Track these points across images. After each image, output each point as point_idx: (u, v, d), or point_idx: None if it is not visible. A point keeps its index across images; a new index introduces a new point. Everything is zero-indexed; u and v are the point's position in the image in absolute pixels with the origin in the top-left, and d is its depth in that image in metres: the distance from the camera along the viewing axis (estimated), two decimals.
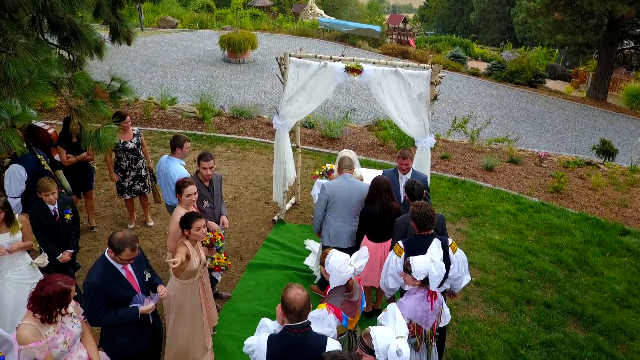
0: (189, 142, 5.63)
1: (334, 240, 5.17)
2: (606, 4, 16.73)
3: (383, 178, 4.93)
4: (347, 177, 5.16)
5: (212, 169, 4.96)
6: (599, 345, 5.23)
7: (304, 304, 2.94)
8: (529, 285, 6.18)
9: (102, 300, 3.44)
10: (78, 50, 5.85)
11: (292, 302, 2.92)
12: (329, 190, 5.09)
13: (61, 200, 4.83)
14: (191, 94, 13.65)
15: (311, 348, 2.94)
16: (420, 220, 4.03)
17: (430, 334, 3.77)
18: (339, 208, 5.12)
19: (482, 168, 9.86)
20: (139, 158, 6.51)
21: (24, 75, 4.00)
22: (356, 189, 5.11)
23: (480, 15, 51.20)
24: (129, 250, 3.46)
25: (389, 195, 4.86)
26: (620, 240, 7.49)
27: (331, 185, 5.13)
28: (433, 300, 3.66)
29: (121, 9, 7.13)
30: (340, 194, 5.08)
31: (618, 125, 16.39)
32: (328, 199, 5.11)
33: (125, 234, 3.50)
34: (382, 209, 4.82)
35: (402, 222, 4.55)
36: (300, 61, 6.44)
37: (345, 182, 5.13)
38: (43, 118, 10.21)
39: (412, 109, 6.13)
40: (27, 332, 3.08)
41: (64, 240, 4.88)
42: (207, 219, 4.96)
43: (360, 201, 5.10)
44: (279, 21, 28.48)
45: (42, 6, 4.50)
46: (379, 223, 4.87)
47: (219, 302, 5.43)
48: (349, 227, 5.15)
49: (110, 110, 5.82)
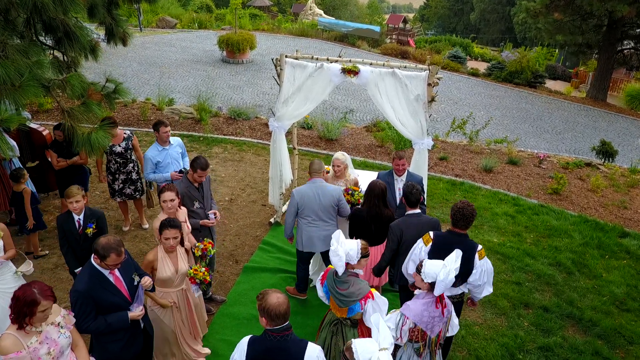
0: (167, 126, 5.90)
1: (308, 245, 5.14)
2: (606, 4, 16.67)
3: (378, 183, 4.87)
4: (317, 182, 5.10)
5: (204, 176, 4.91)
6: (597, 349, 5.17)
7: (288, 306, 2.92)
8: (527, 289, 6.12)
9: (89, 306, 3.38)
10: (72, 51, 5.79)
11: (278, 307, 2.88)
12: (298, 197, 5.04)
13: (88, 212, 4.54)
14: (189, 94, 13.59)
15: (290, 352, 2.92)
16: (455, 215, 3.99)
17: (435, 341, 3.71)
18: (310, 213, 5.07)
19: (480, 169, 9.80)
20: (128, 162, 6.40)
21: (14, 77, 3.94)
22: (327, 193, 5.05)
23: (480, 15, 51.11)
24: (114, 255, 3.38)
25: (380, 202, 4.79)
26: (620, 242, 7.43)
27: (300, 192, 5.08)
28: (443, 307, 3.61)
29: (117, 10, 7.07)
30: (310, 199, 5.03)
31: (618, 126, 16.33)
32: (298, 205, 5.06)
33: (109, 239, 3.42)
34: (369, 213, 4.78)
35: (397, 227, 4.48)
36: (296, 62, 6.38)
37: (315, 187, 5.07)
38: (39, 119, 10.17)
39: (409, 111, 6.07)
40: (7, 342, 2.98)
41: (84, 253, 4.45)
42: (199, 218, 4.92)
43: (332, 205, 5.05)
44: (278, 21, 28.42)
45: (32, 7, 4.43)
46: (365, 227, 4.83)
47: (214, 306, 5.38)
48: (322, 232, 5.09)
49: (104, 112, 5.78)
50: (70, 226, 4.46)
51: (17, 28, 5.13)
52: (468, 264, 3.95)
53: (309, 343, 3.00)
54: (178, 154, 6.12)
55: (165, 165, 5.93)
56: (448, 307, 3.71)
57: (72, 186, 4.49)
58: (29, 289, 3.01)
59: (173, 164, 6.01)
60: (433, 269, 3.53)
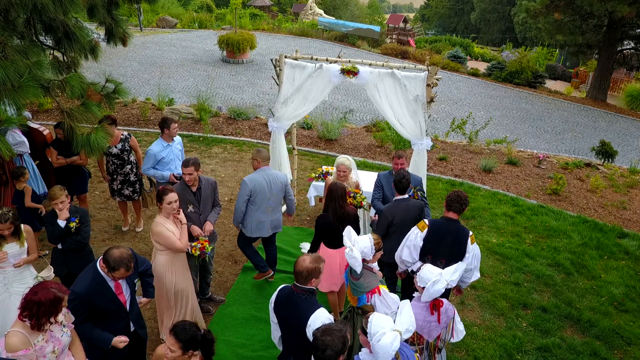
0: (176, 123, 6.11)
1: (256, 231, 5.31)
2: (606, 4, 16.66)
3: (338, 184, 4.92)
4: (266, 170, 5.28)
5: (191, 175, 4.80)
6: (595, 350, 5.18)
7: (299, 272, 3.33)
8: (526, 289, 6.13)
9: (83, 309, 3.39)
10: (72, 51, 5.81)
11: (295, 265, 3.38)
12: (251, 185, 5.19)
13: (73, 209, 4.61)
14: (189, 94, 13.60)
15: (301, 307, 3.30)
16: (450, 199, 4.28)
17: (433, 345, 3.72)
18: (260, 200, 5.24)
19: (480, 170, 9.81)
20: (125, 164, 6.38)
21: (13, 78, 3.96)
22: (276, 180, 5.29)
23: (480, 15, 51.07)
24: (123, 270, 3.41)
25: (344, 202, 4.88)
26: (619, 243, 7.44)
27: (253, 180, 5.22)
28: (439, 314, 3.62)
29: (117, 10, 7.08)
30: (262, 186, 5.22)
31: (618, 126, 16.33)
32: (251, 192, 5.21)
33: (122, 253, 3.41)
34: (336, 216, 4.82)
35: (390, 212, 4.78)
36: (295, 63, 6.40)
37: (265, 175, 5.27)
38: (39, 119, 10.18)
39: (408, 111, 6.09)
40: (16, 339, 3.01)
41: (70, 246, 4.61)
42: (191, 222, 4.91)
43: (281, 190, 5.33)
44: (278, 21, 28.42)
45: (32, 7, 4.44)
46: (333, 230, 4.85)
47: (213, 306, 5.39)
48: (271, 217, 5.34)
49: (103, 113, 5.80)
50: (55, 224, 4.54)
51: (17, 28, 5.14)
52: (461, 247, 4.24)
53: (321, 308, 3.28)
54: (179, 151, 6.26)
55: (168, 162, 6.04)
56: (448, 312, 3.68)
57: (55, 187, 4.54)
58: (47, 290, 3.06)
59: (175, 160, 6.12)
60: (429, 275, 3.56)
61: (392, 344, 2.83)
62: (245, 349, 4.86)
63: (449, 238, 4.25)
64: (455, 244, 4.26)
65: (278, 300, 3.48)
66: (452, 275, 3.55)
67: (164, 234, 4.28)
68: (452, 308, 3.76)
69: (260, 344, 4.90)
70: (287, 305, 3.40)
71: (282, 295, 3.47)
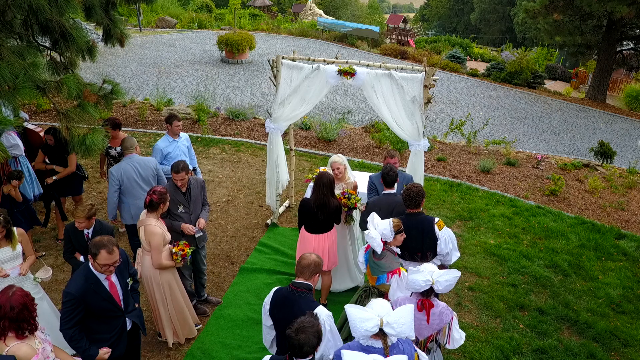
0: (179, 120, 6.19)
1: (137, 217, 5.24)
2: (605, 4, 16.65)
3: (326, 174, 5.10)
4: (133, 157, 5.43)
5: (183, 180, 4.84)
6: (592, 352, 5.18)
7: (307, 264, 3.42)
8: (523, 291, 6.12)
9: (76, 311, 3.38)
10: (68, 52, 5.80)
11: (301, 260, 3.47)
12: (118, 175, 5.31)
13: (98, 227, 4.50)
14: (187, 95, 13.59)
15: (301, 306, 3.34)
16: (404, 198, 4.49)
17: (423, 344, 3.70)
18: (132, 187, 5.37)
19: (478, 170, 9.80)
20: None
21: (8, 79, 3.95)
22: (144, 165, 5.45)
23: (480, 15, 51.03)
24: (104, 252, 3.33)
25: (328, 191, 5.03)
26: (616, 244, 7.43)
27: (119, 169, 5.34)
28: (428, 314, 3.58)
29: (114, 10, 7.08)
30: (131, 173, 5.35)
31: (617, 127, 16.32)
32: (120, 181, 5.30)
33: (102, 237, 3.41)
34: (315, 203, 5.02)
35: (375, 205, 4.90)
36: (292, 64, 6.39)
37: (132, 162, 5.38)
38: (37, 120, 10.18)
39: (405, 112, 6.07)
40: (24, 348, 3.01)
41: None
42: (182, 222, 4.92)
43: (152, 175, 5.49)
44: (277, 21, 28.41)
45: (28, 8, 4.43)
46: (312, 216, 5.09)
47: (209, 308, 5.38)
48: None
49: (100, 114, 5.79)
50: (79, 238, 4.49)
51: (14, 29, 5.13)
52: (430, 236, 4.41)
53: (320, 306, 3.34)
54: (185, 147, 6.39)
55: (174, 157, 6.11)
56: (442, 317, 3.63)
57: (77, 209, 4.42)
58: (9, 294, 3.02)
59: (181, 156, 6.21)
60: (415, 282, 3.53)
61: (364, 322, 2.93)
62: (241, 351, 4.86)
63: (414, 232, 4.40)
64: (423, 235, 4.42)
65: (274, 302, 3.50)
66: (440, 276, 3.49)
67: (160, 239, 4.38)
68: (450, 314, 3.67)
69: (257, 346, 4.89)
70: (284, 305, 3.43)
71: (279, 296, 3.49)
